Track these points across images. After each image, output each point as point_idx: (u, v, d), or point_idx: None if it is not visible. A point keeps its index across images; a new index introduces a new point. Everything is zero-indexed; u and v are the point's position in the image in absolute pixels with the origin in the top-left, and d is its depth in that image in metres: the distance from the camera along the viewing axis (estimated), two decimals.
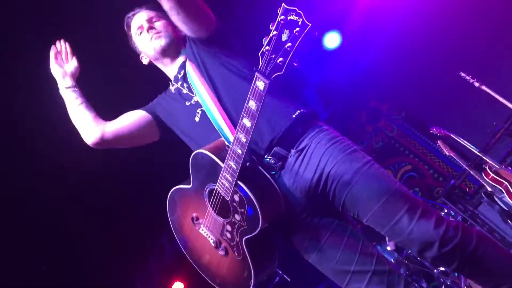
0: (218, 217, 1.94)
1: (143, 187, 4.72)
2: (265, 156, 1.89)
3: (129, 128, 2.27)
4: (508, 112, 4.06)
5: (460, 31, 4.84)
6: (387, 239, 3.80)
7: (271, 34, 1.44)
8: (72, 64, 2.38)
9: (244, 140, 1.67)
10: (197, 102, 2.07)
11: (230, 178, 1.76)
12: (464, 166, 3.89)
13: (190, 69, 2.11)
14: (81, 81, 2.40)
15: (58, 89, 2.36)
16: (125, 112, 2.36)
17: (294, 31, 1.39)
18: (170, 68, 2.30)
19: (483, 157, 3.71)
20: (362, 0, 5.40)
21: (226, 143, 1.90)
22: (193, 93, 2.10)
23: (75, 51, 2.44)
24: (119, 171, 4.39)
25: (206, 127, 2.00)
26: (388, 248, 4.32)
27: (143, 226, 5.04)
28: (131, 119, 2.29)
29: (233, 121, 1.94)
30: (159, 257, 5.74)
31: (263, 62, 1.48)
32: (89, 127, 2.26)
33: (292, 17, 1.40)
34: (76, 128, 2.32)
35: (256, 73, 1.52)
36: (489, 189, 3.60)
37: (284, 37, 1.41)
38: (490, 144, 4.19)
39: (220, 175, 1.81)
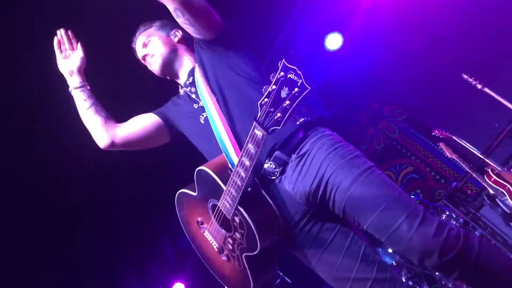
0: (221, 229, 1.94)
1: (144, 188, 4.72)
2: (266, 161, 1.88)
3: (139, 133, 2.28)
4: (510, 114, 4.05)
5: (462, 32, 4.83)
6: None
7: (269, 88, 1.44)
8: (77, 55, 2.32)
9: (240, 183, 1.69)
10: (202, 106, 2.08)
11: (231, 202, 1.77)
12: (466, 168, 3.88)
13: (198, 75, 2.12)
14: (91, 76, 2.34)
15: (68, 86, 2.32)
16: (134, 110, 2.36)
17: (293, 91, 1.39)
18: (180, 78, 2.31)
19: (486, 159, 3.69)
20: (364, 1, 5.40)
21: (229, 164, 1.89)
22: (199, 99, 2.10)
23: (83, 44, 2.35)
24: (118, 174, 4.40)
25: (210, 130, 2.00)
26: (390, 250, 4.31)
27: (143, 228, 5.05)
28: (142, 123, 2.29)
29: (235, 133, 1.94)
30: (160, 259, 5.75)
31: (262, 113, 1.49)
32: (99, 132, 2.26)
33: (292, 76, 1.40)
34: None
35: (255, 122, 1.53)
36: (491, 191, 3.58)
37: (283, 94, 1.42)
38: (493, 147, 4.16)
39: (222, 196, 1.81)
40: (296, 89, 1.39)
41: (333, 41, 5.62)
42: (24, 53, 3.33)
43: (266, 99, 1.46)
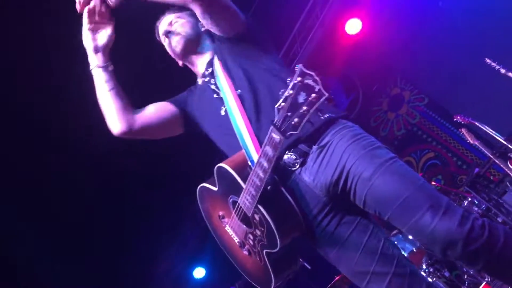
0: (242, 225, 1.93)
1: (165, 175, 4.77)
2: (286, 152, 1.86)
3: (156, 122, 2.21)
4: None
5: (485, 16, 4.73)
6: None
7: (286, 93, 1.42)
8: (106, 32, 2.13)
9: (259, 183, 1.68)
10: (222, 98, 2.05)
11: (250, 200, 1.76)
12: (489, 154, 3.82)
13: (218, 66, 2.09)
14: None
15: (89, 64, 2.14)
16: (149, 98, 2.29)
17: (311, 97, 1.37)
18: (198, 66, 2.28)
19: (509, 145, 3.63)
20: None
21: (249, 162, 1.87)
22: (219, 90, 2.08)
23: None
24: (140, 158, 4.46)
25: (230, 123, 1.98)
26: (410, 237, 4.29)
27: (163, 214, 5.11)
28: (159, 112, 2.23)
29: (259, 129, 1.91)
30: (181, 244, 5.82)
31: (279, 118, 1.47)
32: (116, 118, 2.13)
33: (309, 82, 1.37)
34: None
35: (272, 126, 1.52)
36: None
37: (301, 99, 1.39)
38: None
39: (242, 194, 1.80)
40: (313, 95, 1.36)
41: (353, 26, 5.57)
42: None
43: (283, 104, 1.44)
